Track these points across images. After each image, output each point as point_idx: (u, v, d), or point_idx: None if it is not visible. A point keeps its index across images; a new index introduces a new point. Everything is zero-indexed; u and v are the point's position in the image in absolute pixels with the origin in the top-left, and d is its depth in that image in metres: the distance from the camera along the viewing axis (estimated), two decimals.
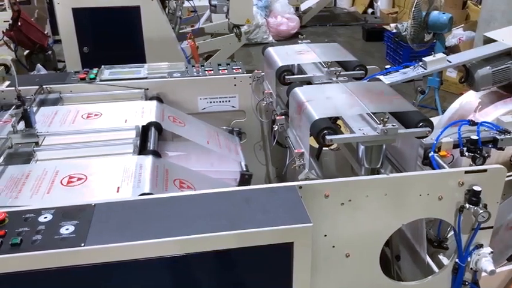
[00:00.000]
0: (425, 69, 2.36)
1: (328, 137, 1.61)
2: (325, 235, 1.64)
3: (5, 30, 4.82)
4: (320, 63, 2.25)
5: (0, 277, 1.27)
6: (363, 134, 1.65)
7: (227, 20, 5.09)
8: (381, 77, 2.25)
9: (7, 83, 2.53)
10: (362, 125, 1.71)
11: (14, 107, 2.36)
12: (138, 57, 4.19)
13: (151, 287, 1.41)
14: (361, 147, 1.72)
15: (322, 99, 1.83)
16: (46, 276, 1.29)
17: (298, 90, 1.92)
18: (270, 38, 7.84)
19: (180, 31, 4.96)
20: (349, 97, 1.86)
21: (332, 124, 1.70)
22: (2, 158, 1.88)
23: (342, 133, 1.73)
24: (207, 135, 2.45)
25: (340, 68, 2.21)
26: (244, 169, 2.32)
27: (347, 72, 2.20)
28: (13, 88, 2.38)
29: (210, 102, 2.67)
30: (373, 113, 1.72)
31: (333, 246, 1.67)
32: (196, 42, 4.79)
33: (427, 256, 1.96)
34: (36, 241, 1.29)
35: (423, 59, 2.38)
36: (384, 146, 1.72)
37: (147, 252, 1.33)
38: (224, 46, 5.04)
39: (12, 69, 3.89)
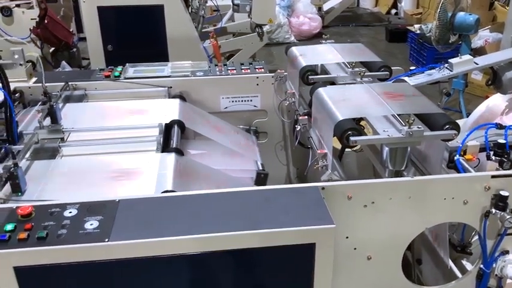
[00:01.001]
0: (451, 71, 2.33)
1: (352, 138, 1.60)
2: (347, 237, 1.63)
3: (32, 28, 4.90)
4: (344, 63, 2.24)
5: (26, 269, 1.29)
6: (388, 135, 1.63)
7: (249, 19, 5.08)
8: (406, 78, 2.23)
9: (34, 79, 2.58)
10: (387, 126, 1.69)
11: (40, 103, 2.41)
12: (160, 55, 4.22)
13: (172, 284, 1.42)
14: (386, 149, 1.70)
15: (346, 100, 1.82)
16: (70, 270, 1.31)
17: (321, 90, 1.91)
18: (292, 38, 7.81)
19: (203, 30, 4.98)
20: (373, 98, 1.84)
21: (356, 125, 1.69)
22: (29, 152, 1.91)
23: (366, 134, 1.71)
24: (228, 134, 2.46)
25: (364, 69, 2.19)
26: (261, 168, 2.32)
27: (371, 73, 2.18)
28: (40, 84, 2.43)
29: (232, 101, 2.67)
30: (398, 115, 1.70)
31: (355, 249, 1.65)
32: (218, 42, 4.80)
33: (450, 261, 1.92)
34: (61, 235, 1.31)
35: (449, 60, 2.34)
36: (409, 149, 1.70)
37: (169, 249, 1.34)
38: (246, 45, 5.03)
39: (38, 66, 3.97)
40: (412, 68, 2.43)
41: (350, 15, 9.71)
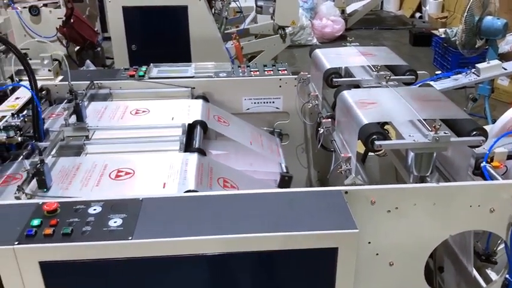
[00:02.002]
0: (478, 76, 2.28)
1: (377, 142, 1.58)
2: (369, 242, 1.61)
3: (58, 27, 4.99)
4: (369, 66, 2.22)
5: (51, 264, 1.31)
6: (413, 140, 1.60)
7: (272, 21, 5.08)
8: (431, 83, 2.19)
9: (60, 77, 2.62)
10: (412, 131, 1.66)
11: (66, 101, 2.45)
12: (183, 56, 4.25)
13: (193, 284, 1.42)
14: (411, 154, 1.67)
15: (371, 104, 1.80)
16: (94, 266, 1.33)
17: (346, 93, 1.90)
18: (314, 40, 7.78)
19: (226, 31, 5.00)
20: (399, 102, 1.81)
21: (381, 129, 1.67)
22: (55, 150, 1.94)
23: (390, 139, 1.69)
24: (250, 135, 2.46)
25: (389, 72, 2.16)
26: (285, 171, 2.31)
27: (397, 76, 2.15)
28: (65, 83, 2.48)
29: (255, 102, 2.67)
30: (424, 120, 1.68)
31: (377, 254, 1.64)
32: (240, 43, 4.81)
33: (474, 270, 1.88)
34: (85, 232, 1.33)
35: (477, 65, 2.30)
36: (435, 154, 1.67)
37: (191, 249, 1.34)
38: (268, 47, 5.04)
39: (63, 64, 4.04)
40: (437, 72, 2.39)
41: (373, 18, 9.62)
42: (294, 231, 1.36)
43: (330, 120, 2.07)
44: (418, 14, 9.68)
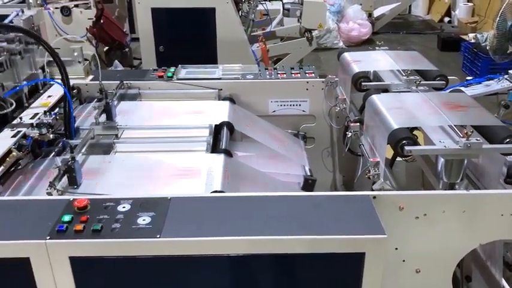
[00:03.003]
0: (511, 82, 2.23)
1: (407, 148, 1.56)
2: (396, 248, 1.59)
3: (88, 27, 5.08)
4: (398, 71, 2.19)
5: (81, 260, 1.34)
6: (444, 146, 1.58)
7: (299, 24, 5.07)
8: (462, 89, 2.15)
9: (91, 76, 2.67)
10: (443, 137, 1.64)
11: (96, 99, 2.50)
12: (210, 57, 4.28)
13: (217, 284, 1.43)
14: (441, 161, 1.65)
15: (401, 108, 1.78)
16: (122, 263, 1.35)
17: (375, 97, 1.88)
18: (340, 44, 7.73)
19: (252, 34, 5.02)
20: (429, 107, 1.79)
21: (411, 134, 1.64)
22: (85, 147, 1.98)
23: (419, 144, 1.67)
24: (275, 138, 2.46)
25: (419, 77, 2.13)
26: (309, 174, 2.30)
27: (427, 81, 2.12)
28: (96, 82, 2.53)
29: (281, 105, 2.67)
30: (456, 126, 1.65)
31: (403, 261, 1.62)
32: (266, 45, 4.82)
33: (503, 280, 1.84)
34: (115, 229, 1.35)
35: (510, 71, 2.24)
36: (466, 161, 1.64)
37: (218, 249, 1.35)
38: (294, 50, 5.02)
39: (92, 64, 4.12)
40: (468, 78, 2.35)
41: (401, 22, 9.50)
42: (321, 234, 1.35)
43: (358, 124, 2.05)
44: (447, 19, 9.52)
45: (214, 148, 2.05)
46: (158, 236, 1.32)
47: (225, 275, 1.42)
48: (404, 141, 1.58)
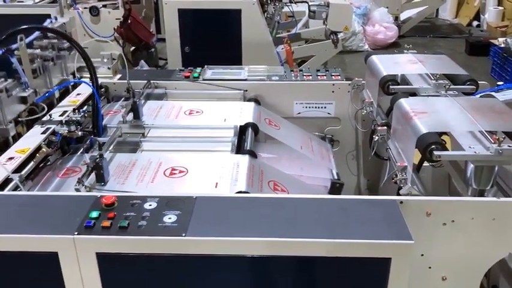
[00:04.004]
0: None
1: (436, 153, 1.53)
2: (422, 254, 1.57)
3: (116, 27, 5.16)
4: (427, 74, 2.16)
5: (107, 256, 1.36)
6: (474, 152, 1.55)
7: (324, 26, 5.05)
8: (493, 94, 2.11)
9: (118, 76, 2.71)
10: (473, 142, 1.61)
11: (123, 98, 2.54)
12: (234, 59, 4.30)
13: (240, 284, 1.43)
14: (471, 167, 1.61)
15: (430, 113, 1.75)
16: (147, 260, 1.36)
17: (404, 101, 1.86)
18: (366, 47, 7.66)
19: (277, 35, 5.02)
20: (459, 112, 1.76)
21: (440, 139, 1.62)
22: (112, 145, 2.01)
23: (448, 149, 1.64)
24: (300, 140, 2.45)
25: (448, 81, 2.10)
26: (336, 177, 2.28)
27: (456, 86, 2.08)
28: (123, 81, 2.56)
29: (306, 107, 2.66)
30: (486, 131, 1.61)
31: (430, 267, 1.59)
32: (291, 47, 4.81)
33: None
34: (141, 226, 1.37)
35: None
36: (496, 168, 1.61)
37: (242, 249, 1.35)
38: (319, 52, 5.00)
39: (118, 63, 4.18)
40: (499, 83, 2.29)
41: (428, 26, 9.36)
42: (347, 238, 1.34)
43: (385, 127, 2.03)
44: (475, 23, 9.34)
45: (239, 149, 2.06)
46: (184, 235, 1.33)
47: (249, 276, 1.42)
48: (433, 146, 1.55)
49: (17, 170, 1.76)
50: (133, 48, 5.54)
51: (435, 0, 8.84)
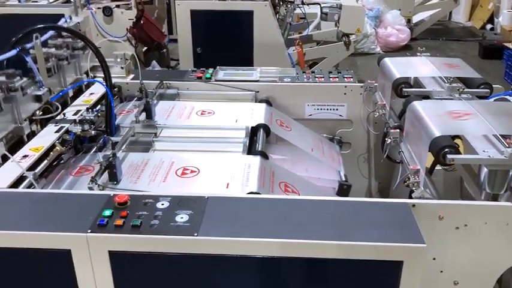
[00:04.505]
0: None
1: (449, 156, 1.52)
2: (434, 258, 1.56)
3: (128, 28, 5.20)
4: (440, 77, 2.15)
5: (119, 254, 1.37)
6: (489, 156, 1.53)
7: (336, 28, 5.04)
8: (508, 98, 2.09)
9: (131, 76, 2.73)
10: (487, 146, 1.59)
11: (136, 98, 2.55)
12: (246, 60, 4.31)
13: (250, 284, 1.43)
14: (484, 171, 1.60)
15: (443, 116, 1.74)
16: (159, 259, 1.37)
17: (417, 104, 1.85)
18: (378, 49, 7.63)
19: (289, 37, 5.02)
20: (473, 116, 1.74)
21: (453, 143, 1.61)
22: (125, 145, 2.02)
23: (461, 153, 1.63)
24: (311, 142, 2.45)
25: (462, 85, 2.08)
26: (344, 179, 2.28)
27: (470, 89, 2.07)
28: (136, 81, 2.58)
29: (318, 109, 2.66)
30: (501, 135, 1.60)
31: (441, 271, 1.58)
32: (303, 49, 4.80)
33: None
34: (153, 225, 1.37)
35: None
36: (511, 172, 1.59)
37: (253, 250, 1.35)
38: (331, 54, 4.99)
39: (131, 63, 4.21)
40: None
41: (440, 29, 9.31)
42: (358, 240, 1.33)
43: (398, 130, 2.02)
44: (489, 26, 9.26)
45: (250, 150, 2.06)
46: (196, 235, 1.33)
47: (260, 276, 1.42)
48: (446, 150, 1.55)
49: (31, 167, 1.77)
50: (145, 48, 5.57)
51: (448, 3, 8.77)
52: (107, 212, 1.42)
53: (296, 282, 1.43)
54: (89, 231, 1.36)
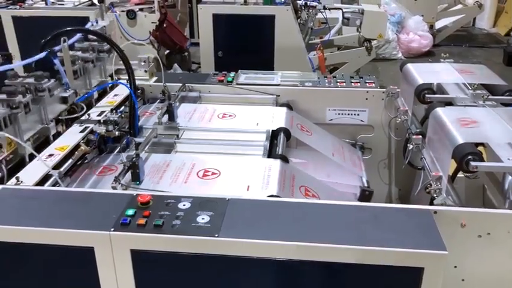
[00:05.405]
0: None
1: (473, 163, 1.51)
2: (455, 266, 1.54)
3: (151, 31, 5.27)
4: (464, 84, 2.12)
5: (141, 253, 1.39)
6: None
7: (358, 33, 5.03)
8: None
9: (154, 78, 2.77)
10: (511, 154, 1.57)
11: (158, 100, 2.59)
12: (266, 64, 4.32)
13: (270, 287, 1.43)
14: (509, 179, 1.58)
15: (467, 123, 1.72)
16: (180, 259, 1.38)
17: (440, 110, 1.83)
18: (399, 55, 7.57)
19: (310, 42, 5.02)
20: (497, 123, 1.73)
21: (477, 150, 1.59)
22: (148, 146, 2.05)
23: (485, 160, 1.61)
24: (332, 146, 2.44)
25: (486, 92, 2.06)
26: (366, 185, 2.27)
27: (495, 96, 2.04)
28: (159, 84, 2.62)
29: (339, 113, 2.65)
30: None
31: (462, 280, 1.56)
32: (324, 54, 4.80)
33: None
34: (175, 225, 1.39)
35: None
36: None
37: (272, 252, 1.35)
38: (352, 59, 4.98)
39: (154, 66, 4.27)
40: None
41: (463, 35, 9.18)
42: (379, 246, 1.33)
43: (420, 136, 2.00)
44: None
45: (270, 153, 2.07)
46: (216, 236, 1.35)
47: (279, 279, 1.43)
48: (470, 157, 1.53)
49: (57, 166, 1.82)
50: (167, 51, 5.64)
51: (473, 9, 8.65)
52: (130, 211, 1.44)
53: (315, 286, 1.43)
54: (112, 229, 1.38)
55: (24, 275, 1.49)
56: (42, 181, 1.73)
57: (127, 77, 2.20)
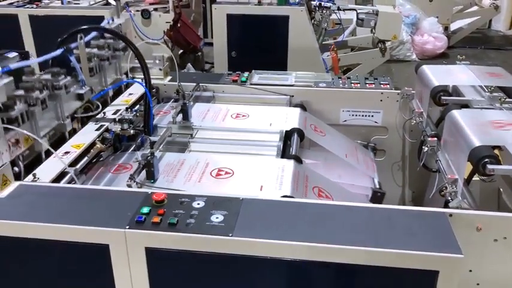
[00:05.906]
0: None
1: (490, 166, 1.49)
2: (471, 270, 1.53)
3: (165, 30, 5.29)
4: (480, 86, 2.10)
5: (156, 251, 1.40)
6: None
7: (372, 34, 5.00)
8: None
9: (169, 77, 2.78)
10: None
11: (172, 100, 2.60)
12: (280, 64, 4.32)
13: (283, 287, 1.43)
14: None
15: (483, 125, 1.71)
16: (193, 258, 1.39)
17: (456, 113, 1.82)
18: (413, 56, 7.51)
19: (323, 42, 5.00)
20: None
21: (494, 153, 1.58)
22: (162, 144, 2.07)
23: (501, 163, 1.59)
24: (345, 148, 2.43)
25: (503, 94, 2.04)
26: (378, 186, 2.26)
27: None
28: (174, 83, 2.63)
29: (352, 115, 2.64)
30: None
31: (478, 284, 1.55)
32: (338, 55, 4.78)
33: None
34: (189, 224, 1.40)
35: None
36: None
37: (287, 252, 1.36)
38: (366, 60, 4.95)
39: (166, 65, 4.29)
40: None
41: (479, 37, 9.08)
42: (393, 248, 1.32)
43: (435, 139, 1.99)
44: None
45: (284, 154, 2.07)
46: (230, 235, 1.35)
47: (291, 279, 1.42)
48: (486, 160, 1.52)
49: (73, 164, 1.84)
50: (181, 51, 5.66)
51: (488, 11, 8.56)
52: (145, 210, 1.45)
53: (328, 287, 1.43)
54: (127, 227, 1.39)
55: (39, 270, 1.51)
56: (58, 178, 1.75)
57: (142, 76, 2.22)
